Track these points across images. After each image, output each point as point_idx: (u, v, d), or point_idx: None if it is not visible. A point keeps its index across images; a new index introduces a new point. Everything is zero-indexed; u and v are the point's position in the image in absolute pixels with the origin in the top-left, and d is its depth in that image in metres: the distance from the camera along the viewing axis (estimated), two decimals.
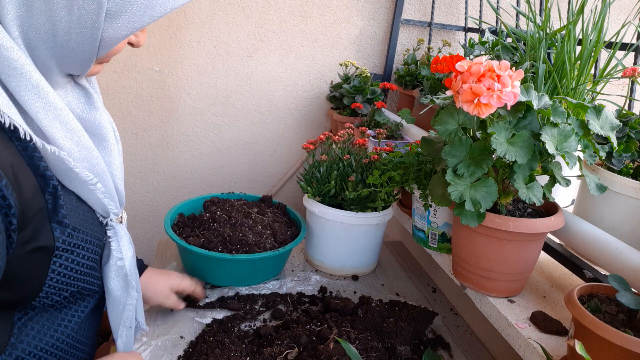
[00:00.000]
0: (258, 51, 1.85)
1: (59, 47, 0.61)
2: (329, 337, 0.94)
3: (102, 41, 0.62)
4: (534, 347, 0.78)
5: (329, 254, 1.29)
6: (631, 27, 0.99)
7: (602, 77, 0.97)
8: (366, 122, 1.64)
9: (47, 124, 0.62)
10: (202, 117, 1.88)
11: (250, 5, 1.79)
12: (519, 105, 0.78)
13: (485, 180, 0.79)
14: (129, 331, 0.83)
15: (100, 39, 0.61)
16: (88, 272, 0.73)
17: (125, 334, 0.82)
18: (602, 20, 0.93)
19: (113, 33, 0.62)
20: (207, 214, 1.26)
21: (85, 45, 0.61)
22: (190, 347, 0.97)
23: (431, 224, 1.07)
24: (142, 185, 1.93)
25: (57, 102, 0.63)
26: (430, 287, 1.31)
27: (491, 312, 0.89)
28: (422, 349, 1.02)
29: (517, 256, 0.84)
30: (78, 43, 0.61)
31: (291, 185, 2.06)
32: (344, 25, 1.90)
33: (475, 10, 1.96)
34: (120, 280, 0.78)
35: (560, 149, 0.77)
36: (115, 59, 1.73)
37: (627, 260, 0.78)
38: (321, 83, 1.95)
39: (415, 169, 1.06)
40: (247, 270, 1.17)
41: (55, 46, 0.61)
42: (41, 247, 0.64)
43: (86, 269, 0.72)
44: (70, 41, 0.60)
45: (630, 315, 0.68)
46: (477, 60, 0.76)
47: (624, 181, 0.89)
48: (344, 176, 1.26)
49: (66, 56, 0.62)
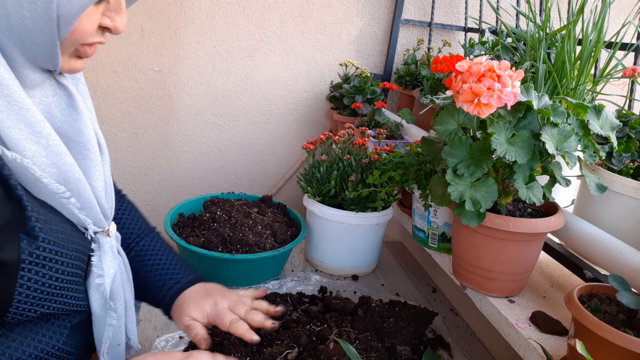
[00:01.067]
0: (258, 51, 1.85)
1: (15, 30, 0.56)
2: (328, 337, 0.94)
3: (59, 18, 0.56)
4: (534, 347, 0.77)
5: (329, 254, 1.29)
6: (631, 27, 0.98)
7: (602, 77, 0.97)
8: (366, 122, 1.64)
9: (9, 125, 0.56)
10: (202, 117, 1.89)
11: (250, 5, 1.79)
12: (519, 105, 0.78)
13: (485, 180, 0.79)
14: (117, 349, 0.78)
15: (56, 15, 0.56)
16: (67, 287, 0.67)
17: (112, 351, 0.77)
18: (602, 20, 0.93)
19: (68, 4, 0.56)
20: (207, 214, 1.26)
21: (42, 24, 0.56)
22: (190, 347, 0.97)
23: (431, 224, 1.07)
24: (142, 185, 1.93)
25: (23, 101, 0.58)
26: (430, 287, 1.31)
27: (491, 312, 0.89)
28: (422, 349, 1.02)
29: (517, 256, 0.84)
30: (34, 22, 0.56)
31: (291, 185, 2.06)
32: (344, 25, 1.90)
33: (475, 10, 1.96)
34: (99, 297, 0.73)
35: (560, 149, 0.77)
36: (115, 59, 1.73)
37: (627, 260, 0.78)
38: (321, 83, 1.95)
39: (415, 169, 1.06)
40: (247, 270, 1.17)
41: (11, 29, 0.56)
42: (4, 260, 0.58)
43: (64, 283, 0.66)
44: (25, 21, 0.55)
45: (630, 315, 0.68)
46: (477, 60, 0.76)
47: (624, 181, 0.89)
48: (344, 176, 1.26)
49: (26, 39, 0.57)
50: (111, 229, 0.75)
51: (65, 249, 0.65)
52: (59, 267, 0.64)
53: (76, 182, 0.65)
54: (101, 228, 0.73)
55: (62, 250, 0.64)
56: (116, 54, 1.73)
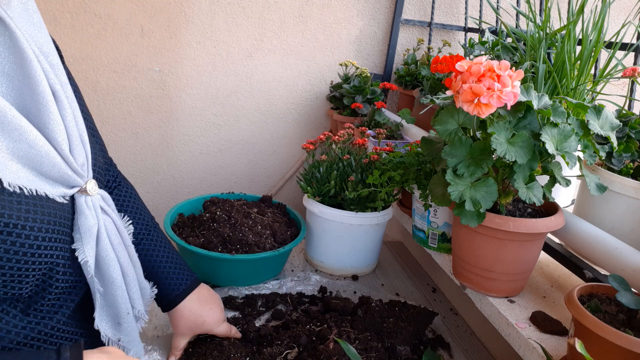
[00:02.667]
0: (258, 51, 1.85)
1: None
2: (328, 337, 0.94)
3: None
4: (534, 347, 0.77)
5: (328, 254, 1.29)
6: (631, 27, 0.98)
7: (602, 77, 0.97)
8: (366, 122, 1.64)
9: None
10: (202, 117, 1.88)
11: (250, 5, 1.79)
12: (519, 105, 0.78)
13: (485, 180, 0.79)
14: (127, 318, 0.75)
15: None
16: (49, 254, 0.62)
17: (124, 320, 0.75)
18: (602, 20, 0.93)
19: None
20: (207, 214, 1.26)
21: None
22: (190, 347, 0.97)
23: (431, 224, 1.07)
24: (142, 186, 1.93)
25: None
26: (430, 287, 1.31)
27: (491, 312, 0.89)
28: (422, 349, 1.02)
29: (517, 256, 0.84)
30: None
31: (291, 185, 2.06)
32: (344, 25, 1.90)
33: (475, 10, 1.96)
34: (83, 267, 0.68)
35: (560, 149, 0.77)
36: (115, 59, 1.73)
37: (627, 260, 0.78)
38: (321, 83, 1.95)
39: (415, 169, 1.06)
40: (247, 270, 1.17)
41: None
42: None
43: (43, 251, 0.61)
44: None
45: (630, 315, 0.68)
46: (477, 60, 0.76)
47: (624, 181, 0.89)
48: (343, 176, 1.26)
49: None
50: (89, 187, 0.67)
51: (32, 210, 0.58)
52: (29, 233, 0.58)
53: (18, 129, 0.56)
54: (75, 186, 0.65)
55: (29, 214, 0.58)
56: (116, 54, 1.73)
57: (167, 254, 0.91)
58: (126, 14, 1.69)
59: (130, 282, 0.76)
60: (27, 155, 0.58)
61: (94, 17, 1.67)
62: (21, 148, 0.57)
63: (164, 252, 0.90)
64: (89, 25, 1.67)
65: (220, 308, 0.96)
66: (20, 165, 0.58)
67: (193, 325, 0.92)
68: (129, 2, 1.68)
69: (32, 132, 0.57)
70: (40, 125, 0.60)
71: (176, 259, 0.92)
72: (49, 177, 0.62)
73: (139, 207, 0.91)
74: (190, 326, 0.92)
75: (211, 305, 0.94)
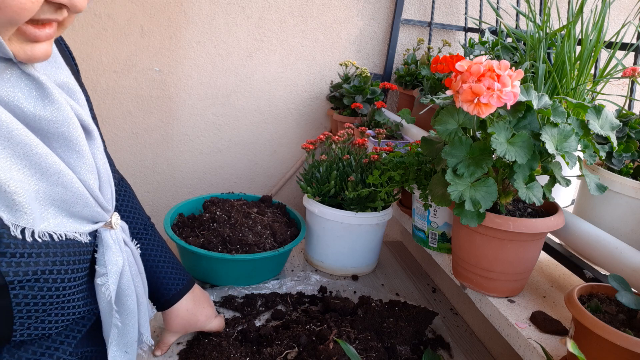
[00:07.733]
0: (258, 51, 1.85)
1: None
2: (328, 337, 0.94)
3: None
4: (534, 347, 0.77)
5: (328, 254, 1.29)
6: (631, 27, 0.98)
7: (602, 77, 0.97)
8: (366, 122, 1.64)
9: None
10: (202, 117, 1.88)
11: (250, 5, 1.79)
12: (519, 105, 0.78)
13: (485, 180, 0.79)
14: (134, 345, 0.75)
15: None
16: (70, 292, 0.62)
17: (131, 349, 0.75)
18: (602, 20, 0.93)
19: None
20: (206, 214, 1.26)
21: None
22: (189, 347, 0.97)
23: (431, 224, 1.07)
24: (142, 185, 1.93)
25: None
26: (430, 287, 1.31)
27: (491, 312, 0.89)
28: (422, 349, 1.02)
29: (517, 256, 0.84)
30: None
31: (291, 185, 2.06)
32: (344, 25, 1.90)
33: (475, 10, 1.96)
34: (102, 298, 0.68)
35: (560, 149, 0.77)
36: (115, 59, 1.73)
37: (627, 260, 0.78)
38: (321, 83, 1.95)
39: (415, 169, 1.06)
40: (247, 270, 1.17)
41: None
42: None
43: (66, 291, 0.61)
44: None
45: (630, 315, 0.68)
46: (477, 60, 0.76)
47: (624, 181, 0.89)
48: (343, 176, 1.26)
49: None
50: (114, 220, 0.69)
51: (59, 255, 0.59)
52: (56, 277, 0.59)
53: (57, 174, 0.57)
54: (99, 221, 0.66)
55: (56, 259, 0.59)
56: (116, 54, 1.73)
57: (164, 254, 0.91)
58: (126, 14, 1.69)
59: (143, 309, 0.77)
60: (62, 198, 0.58)
61: (94, 17, 1.67)
62: (57, 191, 0.58)
63: (161, 252, 0.91)
64: (89, 25, 1.67)
65: (211, 306, 0.98)
66: (54, 209, 0.58)
67: (187, 324, 0.94)
68: (129, 2, 1.68)
69: (68, 174, 0.58)
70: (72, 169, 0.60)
71: (172, 259, 0.93)
72: (78, 216, 0.62)
73: (137, 207, 0.91)
74: (184, 325, 0.93)
75: (204, 304, 0.96)
